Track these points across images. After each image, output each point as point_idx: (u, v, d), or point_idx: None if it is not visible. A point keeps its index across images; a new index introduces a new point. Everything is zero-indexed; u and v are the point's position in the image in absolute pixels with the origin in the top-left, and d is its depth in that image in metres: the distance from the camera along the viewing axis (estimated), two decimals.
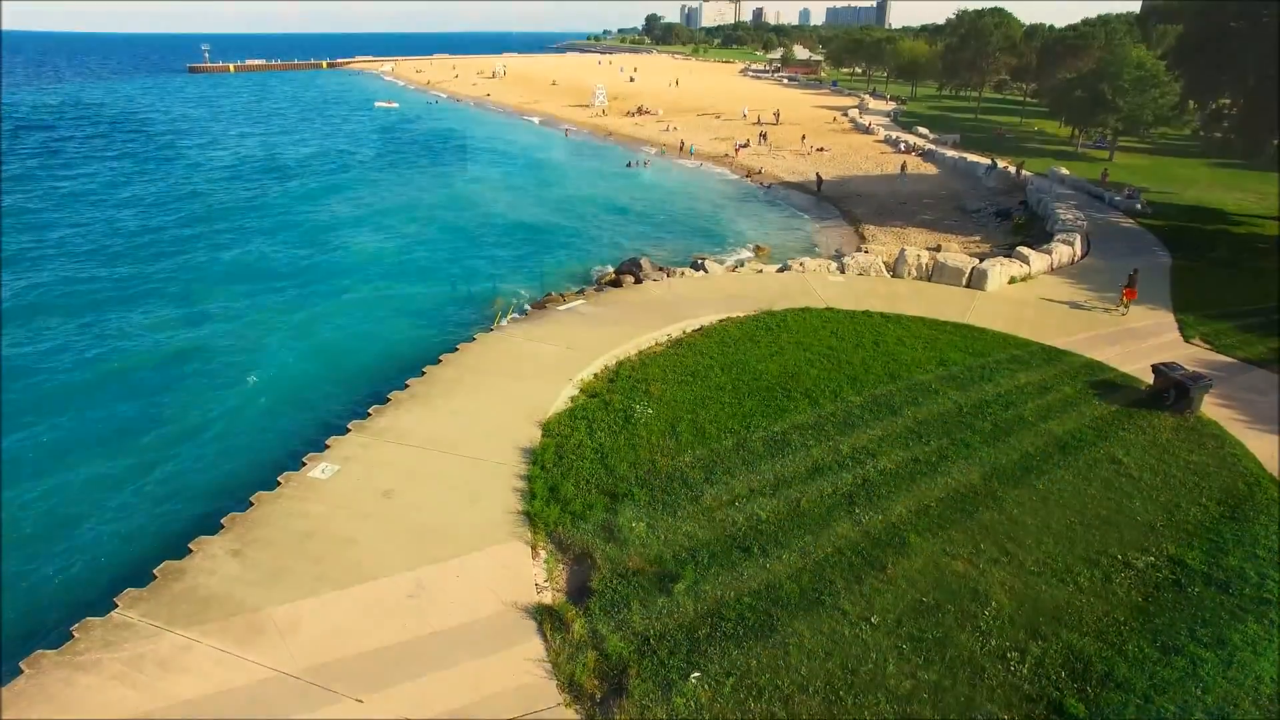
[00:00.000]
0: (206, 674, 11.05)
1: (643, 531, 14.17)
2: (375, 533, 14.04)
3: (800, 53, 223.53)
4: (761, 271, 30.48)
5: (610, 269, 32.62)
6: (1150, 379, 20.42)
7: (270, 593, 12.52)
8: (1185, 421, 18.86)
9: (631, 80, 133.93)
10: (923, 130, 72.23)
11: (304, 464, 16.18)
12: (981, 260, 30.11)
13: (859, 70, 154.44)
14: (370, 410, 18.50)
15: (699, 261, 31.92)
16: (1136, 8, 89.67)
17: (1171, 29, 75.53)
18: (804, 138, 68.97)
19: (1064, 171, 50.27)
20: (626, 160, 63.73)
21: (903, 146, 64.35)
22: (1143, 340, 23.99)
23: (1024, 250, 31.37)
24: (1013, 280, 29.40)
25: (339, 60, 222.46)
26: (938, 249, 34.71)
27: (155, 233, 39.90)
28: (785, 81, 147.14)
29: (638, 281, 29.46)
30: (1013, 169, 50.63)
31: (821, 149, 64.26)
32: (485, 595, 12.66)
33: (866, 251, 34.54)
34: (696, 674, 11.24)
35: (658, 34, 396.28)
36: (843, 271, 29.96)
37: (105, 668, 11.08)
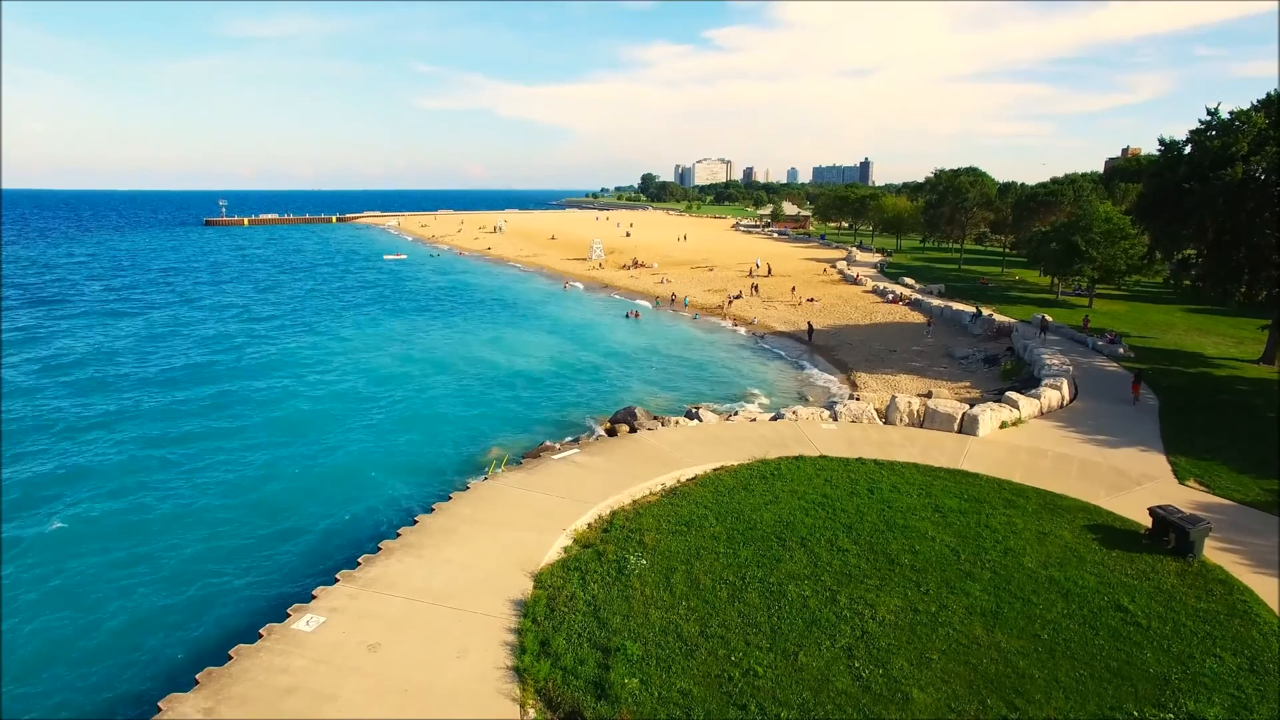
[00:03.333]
0: None
1: (635, 688, 13.64)
2: (358, 689, 13.50)
3: (789, 208, 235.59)
4: (755, 420, 30.80)
5: (605, 418, 33.03)
6: (1148, 522, 20.30)
7: None
8: (1189, 566, 18.57)
9: (627, 235, 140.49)
10: (909, 281, 75.12)
11: (289, 615, 15.80)
12: (972, 406, 30.54)
13: (846, 224, 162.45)
14: (360, 559, 18.25)
15: (693, 410, 32.35)
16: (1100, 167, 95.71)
17: (1133, 186, 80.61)
18: (794, 289, 71.60)
19: (1045, 317, 51.88)
20: (622, 311, 65.88)
21: (890, 297, 66.72)
22: (1137, 483, 23.97)
23: (1013, 395, 31.86)
24: (1004, 425, 29.72)
25: (348, 215, 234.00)
26: (928, 395, 35.31)
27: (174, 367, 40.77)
28: (775, 236, 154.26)
29: (633, 430, 29.77)
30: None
31: (812, 300, 66.63)
32: None
33: (858, 399, 35.11)
34: None
35: (653, 192, 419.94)
36: (835, 419, 30.31)
37: None
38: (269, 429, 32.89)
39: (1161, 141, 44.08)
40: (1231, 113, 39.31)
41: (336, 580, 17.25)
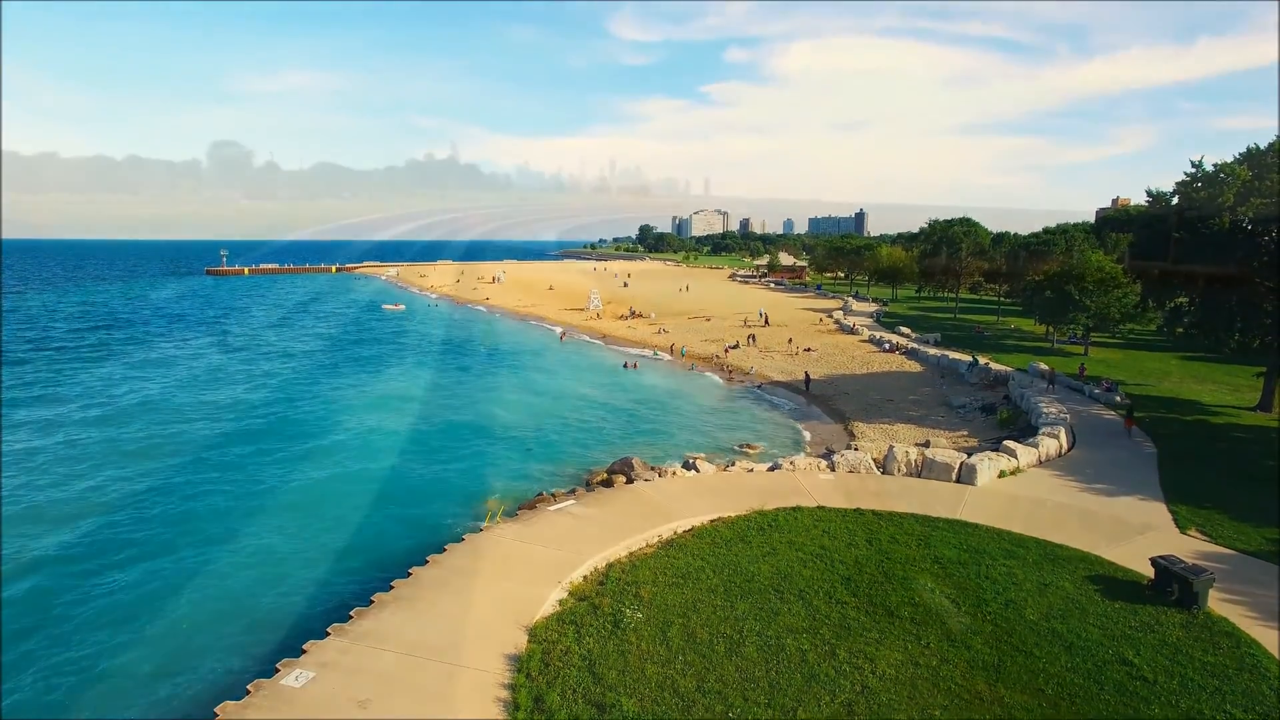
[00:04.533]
0: None
1: None
2: None
3: (785, 259, 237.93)
4: (752, 470, 30.59)
5: (602, 469, 32.84)
6: (1150, 572, 20.06)
7: None
8: (1193, 618, 18.30)
9: (625, 285, 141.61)
10: (905, 330, 75.57)
11: (277, 670, 15.47)
12: (970, 455, 30.42)
13: (842, 274, 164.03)
14: (352, 613, 17.95)
15: (690, 461, 32.20)
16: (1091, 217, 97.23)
17: (1124, 236, 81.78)
18: (791, 339, 71.84)
19: (1043, 366, 52.07)
20: (619, 361, 65.99)
21: (887, 346, 67.05)
22: (1138, 532, 23.76)
23: (1011, 444, 31.76)
24: (1002, 474, 29.57)
25: (348, 265, 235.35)
26: (926, 444, 35.20)
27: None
28: (772, 286, 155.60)
29: (629, 481, 29.58)
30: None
31: (809, 349, 66.87)
32: None
33: (856, 448, 34.99)
34: None
35: (650, 243, 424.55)
36: (833, 469, 30.16)
37: None
38: (258, 478, 32.62)
39: (1149, 193, 44.96)
40: (1215, 165, 40.18)
41: (327, 634, 16.94)
